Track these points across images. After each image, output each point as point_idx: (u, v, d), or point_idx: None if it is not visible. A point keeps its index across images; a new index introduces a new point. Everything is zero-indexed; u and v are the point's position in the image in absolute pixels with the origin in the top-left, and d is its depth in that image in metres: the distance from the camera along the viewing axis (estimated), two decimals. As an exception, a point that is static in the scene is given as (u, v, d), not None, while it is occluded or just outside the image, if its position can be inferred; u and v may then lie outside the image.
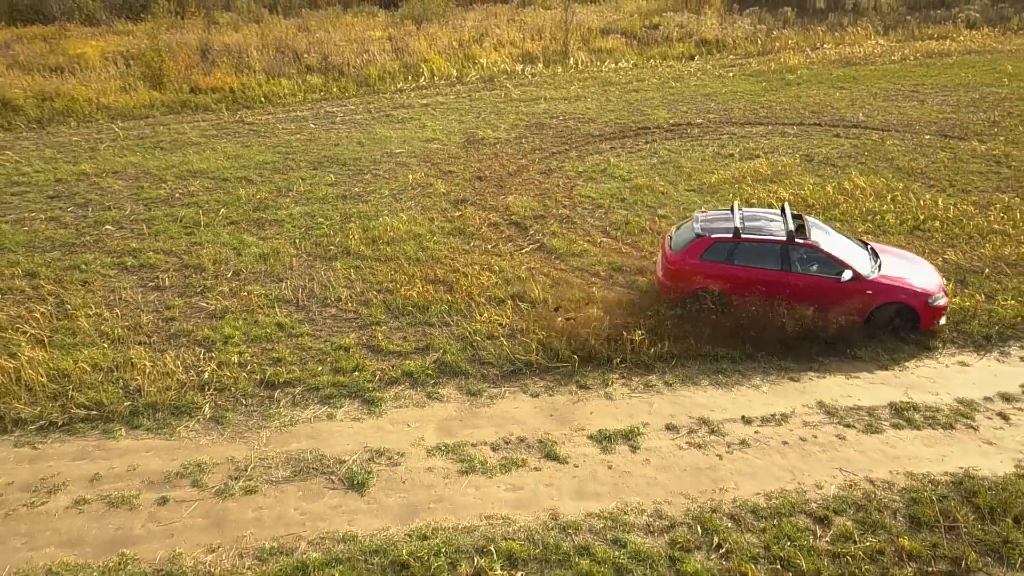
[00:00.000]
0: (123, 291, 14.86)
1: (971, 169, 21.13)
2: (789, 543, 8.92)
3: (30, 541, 9.11)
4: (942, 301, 13.39)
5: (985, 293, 14.54)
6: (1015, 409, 11.51)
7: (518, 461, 10.39)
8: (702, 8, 45.95)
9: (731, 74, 33.45)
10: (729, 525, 9.25)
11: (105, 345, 12.91)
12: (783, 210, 14.18)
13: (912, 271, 13.90)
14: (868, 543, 8.95)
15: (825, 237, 13.81)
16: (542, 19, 43.21)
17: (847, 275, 13.13)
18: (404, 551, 8.78)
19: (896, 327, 13.33)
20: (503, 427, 11.08)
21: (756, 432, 10.94)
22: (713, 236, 13.59)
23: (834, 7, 50.48)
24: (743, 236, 13.46)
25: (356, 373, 12.24)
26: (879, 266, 13.69)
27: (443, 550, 8.81)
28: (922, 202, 18.55)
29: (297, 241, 16.98)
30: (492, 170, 21.58)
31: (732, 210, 14.17)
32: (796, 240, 13.37)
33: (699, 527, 9.22)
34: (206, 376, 12.07)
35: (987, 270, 15.36)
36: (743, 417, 11.25)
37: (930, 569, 8.58)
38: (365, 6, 48.70)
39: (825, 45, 39.56)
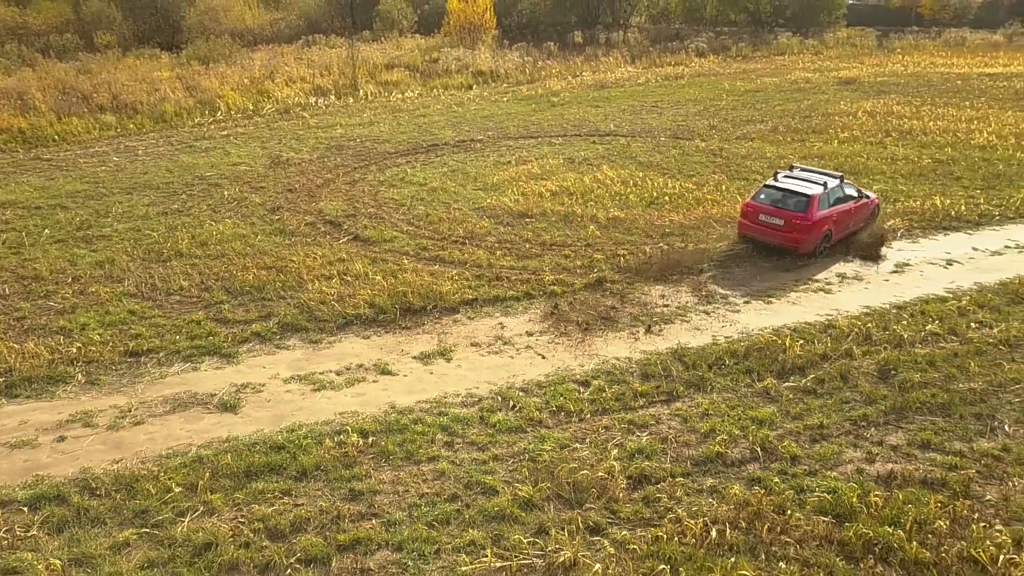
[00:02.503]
0: (-35, 301, 15.89)
1: (694, 160, 26.65)
2: (562, 397, 12.47)
3: (-55, 480, 10.59)
4: None
5: (698, 240, 19.30)
6: (711, 308, 15.97)
7: (359, 378, 13.21)
8: (476, 44, 50.96)
9: (505, 99, 38.24)
10: (521, 394, 12.65)
11: (-35, 341, 14.11)
12: (792, 167, 19.70)
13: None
14: (614, 390, 12.71)
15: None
16: (328, 57, 45.98)
17: (871, 195, 19.99)
18: (279, 439, 11.32)
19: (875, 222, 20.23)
20: (344, 360, 13.83)
21: (536, 340, 14.51)
22: (815, 193, 17.99)
23: (590, 41, 57.69)
24: (829, 186, 18.34)
25: (210, 337, 14.43)
26: None
27: (309, 435, 11.44)
28: (656, 184, 23.50)
29: (129, 250, 18.60)
30: (301, 184, 24.11)
31: (792, 169, 19.46)
32: (844, 179, 19.00)
33: (499, 398, 12.55)
34: (73, 352, 13.75)
35: (700, 225, 20.28)
36: (527, 332, 14.79)
37: (655, 399, 12.48)
38: (146, 49, 48.95)
39: (583, 73, 45.78)
